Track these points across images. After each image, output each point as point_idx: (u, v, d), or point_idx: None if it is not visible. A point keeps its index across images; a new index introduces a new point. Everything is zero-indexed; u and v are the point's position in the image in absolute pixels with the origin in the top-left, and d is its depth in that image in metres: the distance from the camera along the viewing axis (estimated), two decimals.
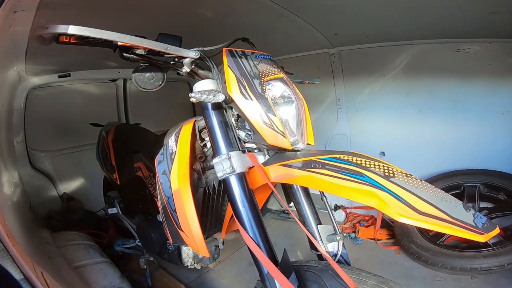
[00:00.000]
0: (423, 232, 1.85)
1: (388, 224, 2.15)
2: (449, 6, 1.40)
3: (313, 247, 1.03)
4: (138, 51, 0.85)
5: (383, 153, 2.27)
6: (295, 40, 2.11)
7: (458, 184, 1.91)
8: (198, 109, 3.15)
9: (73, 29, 0.65)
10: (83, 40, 0.72)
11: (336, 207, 2.39)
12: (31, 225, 1.72)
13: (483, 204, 1.85)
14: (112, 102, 2.65)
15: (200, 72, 0.97)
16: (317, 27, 1.83)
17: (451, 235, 1.72)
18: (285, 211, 2.53)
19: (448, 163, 2.02)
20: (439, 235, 1.79)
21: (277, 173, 0.83)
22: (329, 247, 0.99)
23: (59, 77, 2.12)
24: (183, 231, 0.94)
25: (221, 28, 1.70)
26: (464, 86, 1.92)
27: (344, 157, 0.76)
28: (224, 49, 0.93)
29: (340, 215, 2.39)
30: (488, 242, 1.59)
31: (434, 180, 2.00)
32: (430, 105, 2.06)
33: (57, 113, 2.35)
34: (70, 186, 2.42)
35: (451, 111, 1.99)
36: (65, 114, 2.39)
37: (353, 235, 2.15)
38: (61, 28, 0.65)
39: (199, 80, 0.96)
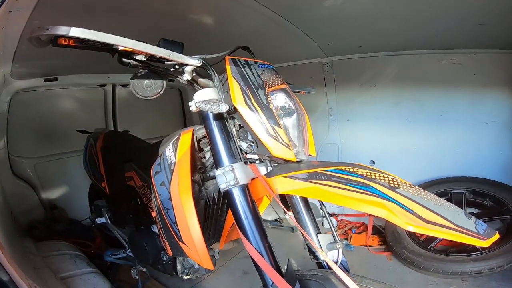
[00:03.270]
0: (414, 237, 1.89)
1: (379, 231, 2.18)
2: (440, 18, 1.45)
3: (313, 255, 1.03)
4: (138, 57, 0.83)
5: (373, 162, 2.32)
6: (290, 49, 2.13)
7: (446, 191, 1.96)
8: (189, 116, 3.12)
9: (75, 31, 0.62)
10: (82, 43, 0.69)
11: (328, 215, 2.40)
12: (14, 235, 1.64)
13: (469, 210, 1.91)
14: (99, 108, 2.58)
15: (201, 80, 0.95)
16: (312, 36, 1.86)
17: (441, 240, 1.79)
18: (277, 219, 2.53)
19: (435, 171, 2.08)
20: (430, 240, 1.84)
21: (281, 184, 0.82)
22: (328, 255, 0.99)
23: (45, 81, 2.04)
24: (184, 243, 0.92)
25: (218, 36, 1.69)
26: (450, 96, 1.99)
27: (349, 169, 0.77)
28: (226, 57, 0.92)
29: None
30: (477, 246, 1.64)
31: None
32: (418, 115, 2.12)
33: (41, 118, 2.26)
34: (54, 194, 2.33)
35: (438, 121, 2.05)
36: (50, 120, 2.31)
37: (345, 242, 2.17)
38: (63, 30, 0.62)
39: (198, 89, 0.94)
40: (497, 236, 0.64)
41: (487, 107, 1.89)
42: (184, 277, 1.30)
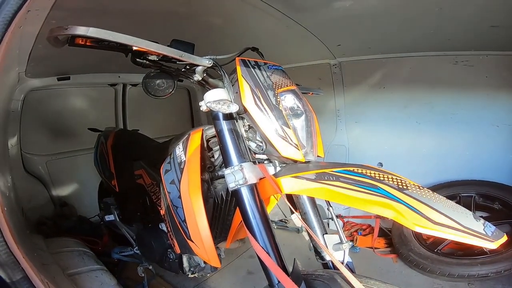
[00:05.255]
0: (421, 240, 1.88)
1: (385, 233, 2.17)
2: (451, 19, 1.44)
3: (319, 256, 1.03)
4: (150, 57, 0.85)
5: (380, 164, 2.30)
6: (298, 50, 2.13)
7: (454, 194, 1.94)
8: (197, 116, 3.15)
9: (93, 31, 0.64)
10: (98, 43, 0.71)
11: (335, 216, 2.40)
12: (24, 231, 1.67)
13: (478, 214, 1.89)
14: (110, 107, 2.62)
15: (211, 80, 0.96)
16: (321, 37, 1.86)
17: (449, 243, 1.78)
18: (283, 220, 2.53)
19: (445, 174, 2.07)
20: (437, 243, 1.83)
21: (289, 184, 0.82)
22: (334, 256, 1.00)
23: (59, 80, 2.08)
24: (192, 241, 0.93)
25: (227, 36, 1.70)
26: (461, 99, 1.97)
27: (357, 170, 0.77)
28: (237, 58, 0.94)
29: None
30: (485, 250, 1.64)
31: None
32: (428, 117, 2.10)
33: (53, 116, 2.31)
34: (64, 191, 2.36)
35: (448, 123, 2.03)
36: (61, 118, 2.35)
37: (351, 243, 2.16)
38: (81, 30, 0.64)
39: (208, 89, 0.96)
40: (505, 238, 0.64)
41: (498, 110, 1.86)
42: (190, 275, 1.31)
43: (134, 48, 0.75)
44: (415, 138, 2.17)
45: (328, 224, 1.15)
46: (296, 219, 1.00)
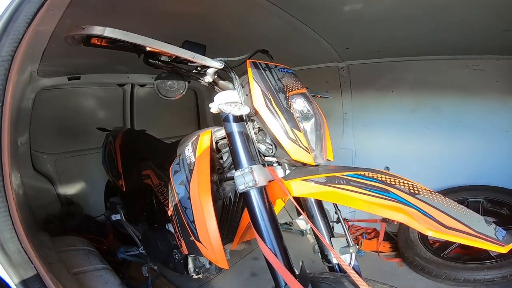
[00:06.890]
0: (427, 244, 1.87)
1: (391, 237, 2.16)
2: (462, 23, 1.43)
3: (325, 259, 1.03)
4: (162, 58, 0.85)
5: (387, 168, 2.28)
6: (306, 53, 2.13)
7: (462, 199, 1.92)
8: (203, 118, 3.16)
9: (109, 32, 0.65)
10: (113, 43, 0.72)
11: (338, 220, 2.39)
12: (32, 229, 1.69)
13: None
14: (118, 107, 2.64)
15: (221, 82, 0.97)
16: (329, 40, 1.86)
17: (455, 248, 1.78)
18: (287, 223, 2.52)
19: (453, 179, 2.04)
20: (443, 247, 1.82)
21: (299, 187, 0.82)
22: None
23: (69, 79, 2.11)
24: (201, 242, 0.93)
25: (236, 38, 1.70)
26: (470, 103, 1.95)
27: (368, 174, 0.77)
28: (248, 61, 0.94)
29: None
30: (492, 254, 1.63)
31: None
32: (436, 121, 2.08)
33: (62, 115, 2.34)
34: (71, 189, 2.39)
35: (457, 128, 2.01)
36: (71, 117, 2.38)
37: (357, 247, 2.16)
38: (98, 30, 0.65)
39: (218, 91, 0.96)
40: None
41: (509, 115, 1.84)
42: (194, 276, 1.31)
43: (148, 48, 0.75)
44: (423, 142, 2.15)
45: (333, 227, 1.15)
46: (303, 222, 1.00)
